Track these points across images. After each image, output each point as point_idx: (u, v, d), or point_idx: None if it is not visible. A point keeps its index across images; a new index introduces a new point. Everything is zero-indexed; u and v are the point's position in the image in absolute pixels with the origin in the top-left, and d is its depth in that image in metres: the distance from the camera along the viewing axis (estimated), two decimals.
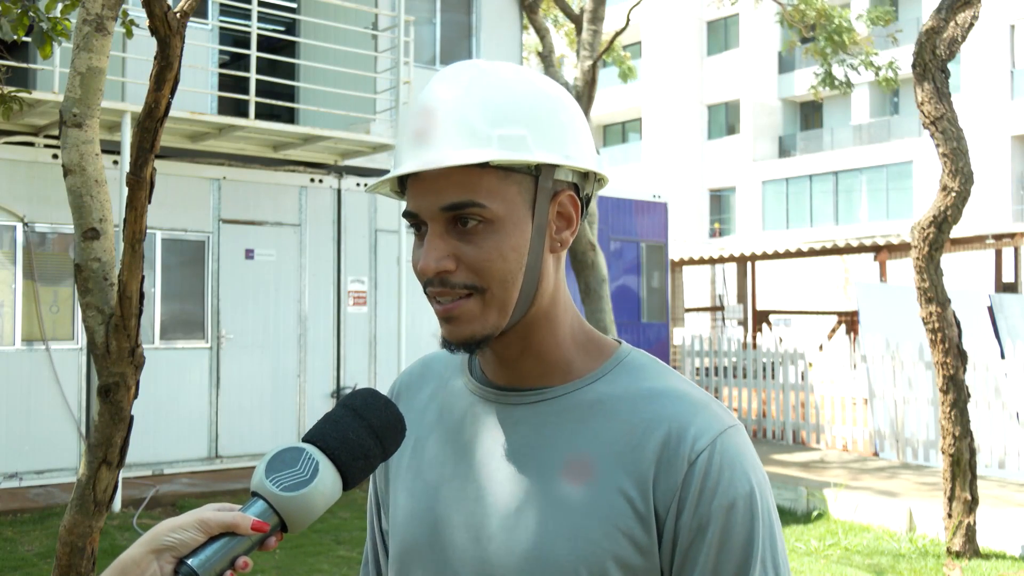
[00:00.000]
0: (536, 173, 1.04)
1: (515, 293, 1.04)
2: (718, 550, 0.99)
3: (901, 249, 14.12)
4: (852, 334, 12.14)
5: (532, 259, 1.05)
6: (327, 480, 0.97)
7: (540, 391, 1.09)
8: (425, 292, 1.06)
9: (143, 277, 3.30)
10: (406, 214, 1.07)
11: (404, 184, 1.10)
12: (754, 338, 15.00)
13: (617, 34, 9.72)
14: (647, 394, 1.06)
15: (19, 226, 8.31)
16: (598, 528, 1.01)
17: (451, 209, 1.02)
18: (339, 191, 10.01)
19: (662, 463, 1.01)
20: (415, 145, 1.04)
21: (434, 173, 1.02)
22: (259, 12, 9.58)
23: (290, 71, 10.83)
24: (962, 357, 6.36)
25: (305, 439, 1.00)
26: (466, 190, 1.02)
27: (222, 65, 11.55)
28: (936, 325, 6.31)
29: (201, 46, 9.43)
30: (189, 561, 0.91)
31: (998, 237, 14.35)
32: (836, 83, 12.54)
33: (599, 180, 1.12)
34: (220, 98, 10.20)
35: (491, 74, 1.05)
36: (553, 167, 1.05)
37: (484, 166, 1.02)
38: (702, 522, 0.99)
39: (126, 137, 7.80)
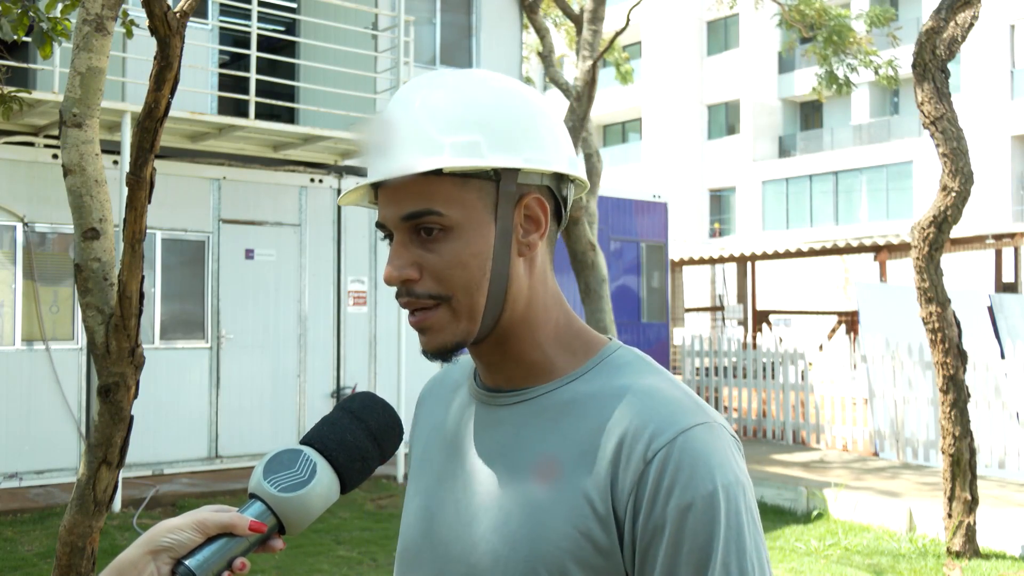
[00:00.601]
0: (496, 178, 1.04)
1: (482, 299, 1.05)
2: (673, 553, 0.96)
3: (901, 249, 14.12)
4: (852, 334, 12.14)
5: (497, 264, 1.05)
6: (324, 481, 0.98)
7: (522, 392, 1.10)
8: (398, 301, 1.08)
9: (143, 277, 3.30)
10: (377, 225, 1.09)
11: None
12: (754, 338, 15.01)
13: (617, 34, 9.71)
14: (617, 392, 1.04)
15: (19, 226, 8.31)
16: (558, 529, 1.00)
17: (410, 218, 1.04)
18: (339, 191, 10.00)
19: (620, 463, 0.99)
20: (376, 156, 1.06)
21: (395, 183, 1.04)
22: (259, 12, 9.58)
23: (290, 71, 10.83)
24: (962, 357, 6.36)
25: (303, 441, 1.00)
26: (423, 199, 1.03)
27: (222, 65, 11.55)
28: (936, 325, 6.31)
29: (201, 46, 9.43)
30: (187, 562, 0.91)
31: (998, 237, 14.36)
32: (838, 84, 12.52)
33: (574, 181, 1.12)
34: (220, 98, 10.20)
35: (449, 83, 1.06)
36: (515, 171, 1.05)
37: (439, 174, 1.02)
38: (658, 524, 0.96)
39: (126, 137, 7.81)
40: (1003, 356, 10.58)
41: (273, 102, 9.66)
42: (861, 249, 15.07)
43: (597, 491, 1.00)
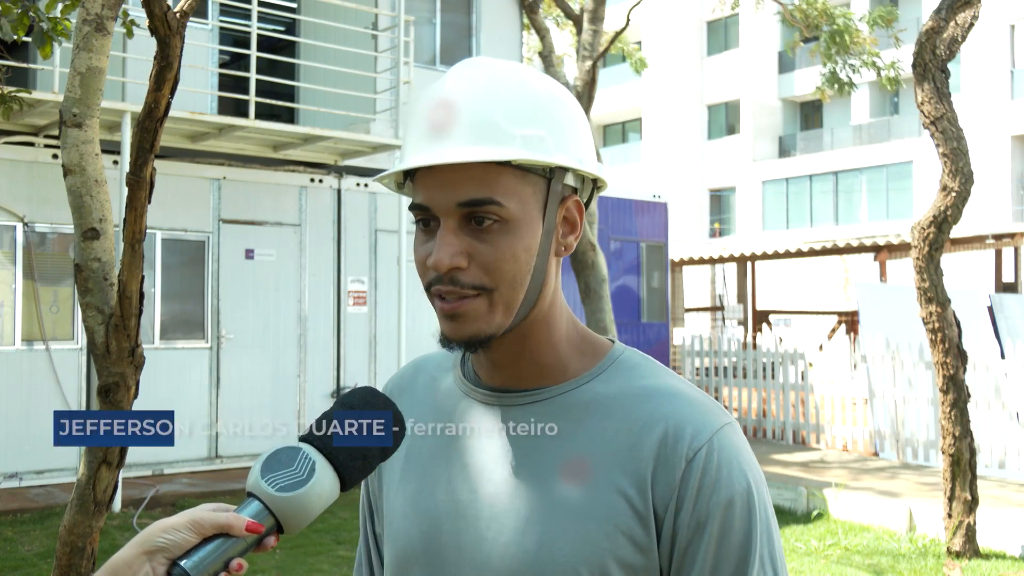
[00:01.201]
0: (549, 176, 1.05)
1: (521, 294, 1.04)
2: (717, 547, 0.99)
3: (901, 249, 14.12)
4: (852, 334, 12.14)
5: (539, 262, 1.05)
6: (324, 480, 0.95)
7: (535, 392, 1.09)
8: (428, 290, 1.05)
9: (143, 277, 3.30)
10: (415, 207, 1.05)
11: (406, 177, 1.09)
12: (754, 338, 15.00)
13: (617, 34, 9.72)
14: (642, 393, 1.06)
15: (19, 226, 8.31)
16: (598, 528, 1.01)
17: (469, 205, 1.01)
18: (339, 191, 10.00)
19: (660, 461, 1.01)
20: (432, 138, 1.02)
21: (451, 167, 1.01)
22: (259, 12, 9.57)
23: (290, 71, 10.83)
24: (962, 357, 6.36)
25: (302, 438, 0.98)
26: (485, 187, 1.01)
27: (222, 65, 11.55)
28: (936, 325, 6.31)
29: (201, 46, 9.43)
30: (182, 563, 0.89)
31: (998, 237, 14.35)
32: (841, 84, 12.48)
33: (598, 187, 1.12)
34: (220, 98, 10.20)
35: (508, 74, 1.06)
36: (564, 171, 1.05)
37: (504, 165, 1.02)
38: (701, 519, 1.00)
39: (126, 137, 7.81)
40: (1003, 356, 10.57)
41: (273, 102, 9.66)
42: (861, 249, 15.07)
43: (636, 488, 1.01)
